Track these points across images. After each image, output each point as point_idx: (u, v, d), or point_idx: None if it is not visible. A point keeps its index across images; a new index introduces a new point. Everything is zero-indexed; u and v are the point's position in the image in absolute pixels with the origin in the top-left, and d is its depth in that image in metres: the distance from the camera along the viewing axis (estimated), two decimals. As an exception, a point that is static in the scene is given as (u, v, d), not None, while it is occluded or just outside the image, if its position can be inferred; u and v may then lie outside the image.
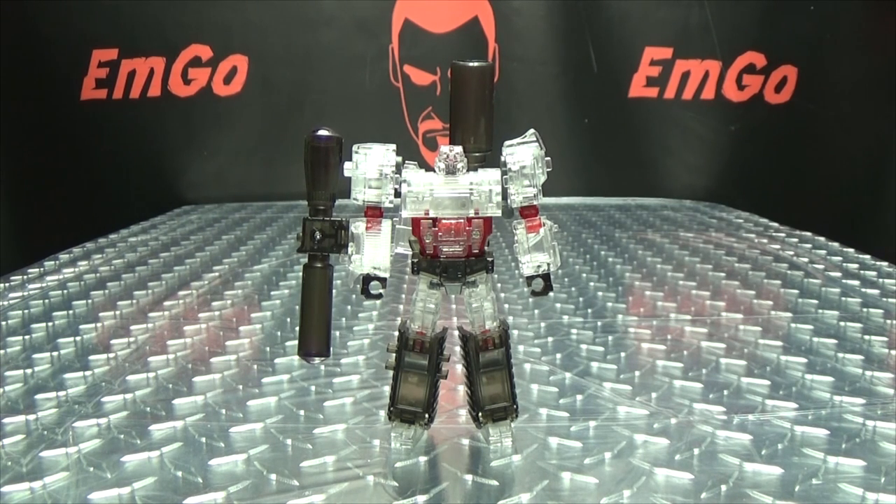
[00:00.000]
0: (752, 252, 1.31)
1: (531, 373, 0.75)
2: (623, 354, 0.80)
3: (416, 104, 1.89)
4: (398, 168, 0.52)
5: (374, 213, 0.53)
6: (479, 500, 0.52)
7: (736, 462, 0.56)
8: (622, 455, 0.58)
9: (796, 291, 1.05)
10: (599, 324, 0.91)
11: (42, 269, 1.19)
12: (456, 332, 0.58)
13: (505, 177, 0.52)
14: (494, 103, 0.54)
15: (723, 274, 1.15)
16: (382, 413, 0.62)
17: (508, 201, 0.53)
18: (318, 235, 0.51)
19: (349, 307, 0.97)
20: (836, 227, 1.46)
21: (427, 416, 0.57)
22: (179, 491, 0.53)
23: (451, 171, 0.52)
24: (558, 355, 0.80)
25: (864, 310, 0.96)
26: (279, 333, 0.88)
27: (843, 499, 0.52)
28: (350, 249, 0.52)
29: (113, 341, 0.85)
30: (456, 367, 0.60)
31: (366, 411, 0.66)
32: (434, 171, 0.53)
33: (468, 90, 0.53)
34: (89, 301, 1.01)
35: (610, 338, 0.86)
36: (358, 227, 0.53)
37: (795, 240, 1.40)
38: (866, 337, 0.86)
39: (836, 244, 1.34)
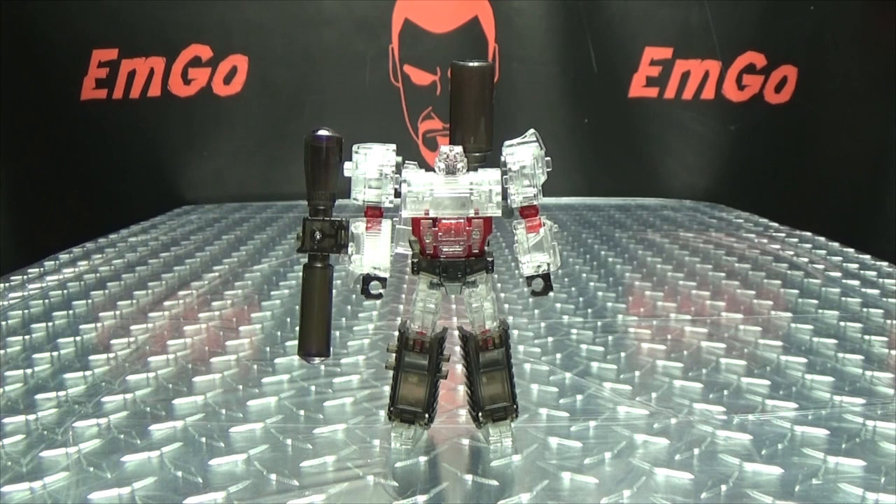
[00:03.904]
0: (752, 252, 1.31)
1: (531, 373, 0.75)
2: (623, 354, 0.80)
3: (416, 104, 1.89)
4: (398, 168, 0.52)
5: (374, 213, 0.53)
6: (479, 500, 0.51)
7: (736, 462, 0.56)
8: (622, 455, 0.58)
9: (796, 291, 1.05)
10: (599, 324, 0.91)
11: (42, 269, 1.19)
12: (456, 332, 0.58)
13: (505, 177, 0.52)
14: (494, 103, 0.54)
15: (723, 274, 1.15)
16: (382, 413, 0.62)
17: (508, 201, 0.53)
18: (318, 235, 0.51)
19: (349, 307, 0.97)
20: (836, 227, 1.46)
21: (427, 416, 0.57)
22: (179, 491, 0.53)
23: (451, 171, 0.52)
24: (558, 355, 0.80)
25: (864, 310, 0.96)
26: (279, 333, 0.88)
27: (843, 499, 0.52)
28: (350, 249, 0.52)
29: (113, 341, 0.85)
30: (456, 367, 0.60)
31: (366, 411, 0.66)
32: (434, 171, 0.53)
33: (468, 90, 0.53)
34: (89, 301, 1.01)
35: (610, 338, 0.86)
36: (358, 227, 0.53)
37: (795, 240, 1.40)
38: (866, 337, 0.86)
39: (836, 244, 1.34)
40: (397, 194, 0.52)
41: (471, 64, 0.53)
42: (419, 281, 0.55)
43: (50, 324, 0.91)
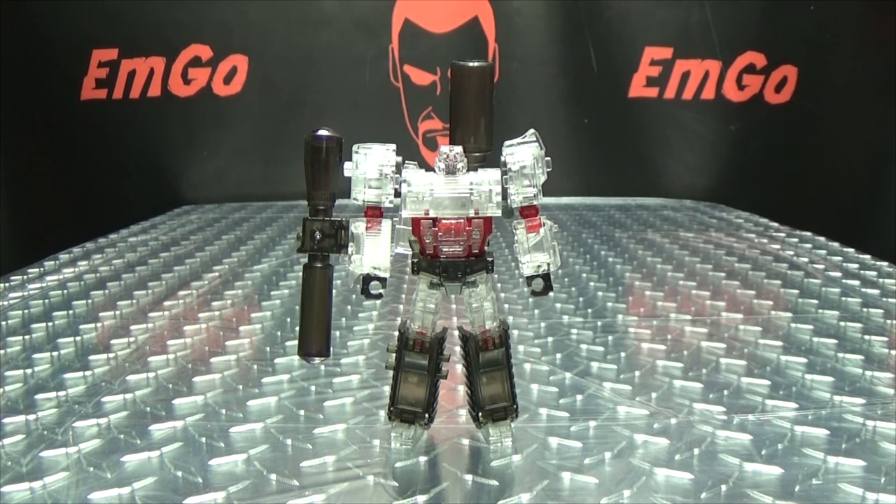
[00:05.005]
0: (752, 252, 1.31)
1: (531, 373, 0.75)
2: (623, 354, 0.80)
3: (416, 104, 1.89)
4: (398, 168, 0.52)
5: (374, 213, 0.53)
6: (479, 500, 0.51)
7: (736, 462, 0.56)
8: (622, 455, 0.58)
9: (796, 291, 1.05)
10: (599, 324, 0.91)
11: (42, 269, 1.19)
12: (456, 332, 0.58)
13: (505, 177, 0.52)
14: (494, 103, 0.54)
15: (723, 274, 1.15)
16: (382, 413, 0.62)
17: (508, 201, 0.53)
18: (318, 235, 0.51)
19: (349, 307, 0.97)
20: (836, 227, 1.46)
21: (427, 416, 0.57)
22: (179, 491, 0.53)
23: (451, 171, 0.52)
24: (558, 355, 0.80)
25: (864, 310, 0.96)
26: (279, 333, 0.88)
27: (843, 499, 0.52)
28: (350, 249, 0.52)
29: (113, 341, 0.85)
30: (456, 367, 0.60)
31: (366, 411, 0.66)
32: (434, 171, 0.53)
33: (468, 90, 0.53)
34: (89, 301, 1.01)
35: (610, 338, 0.86)
36: (358, 227, 0.53)
37: (795, 240, 1.40)
38: (866, 337, 0.86)
39: (836, 244, 1.34)
40: (397, 194, 0.52)
41: (471, 64, 0.53)
42: (419, 281, 0.55)
43: (50, 324, 0.91)
